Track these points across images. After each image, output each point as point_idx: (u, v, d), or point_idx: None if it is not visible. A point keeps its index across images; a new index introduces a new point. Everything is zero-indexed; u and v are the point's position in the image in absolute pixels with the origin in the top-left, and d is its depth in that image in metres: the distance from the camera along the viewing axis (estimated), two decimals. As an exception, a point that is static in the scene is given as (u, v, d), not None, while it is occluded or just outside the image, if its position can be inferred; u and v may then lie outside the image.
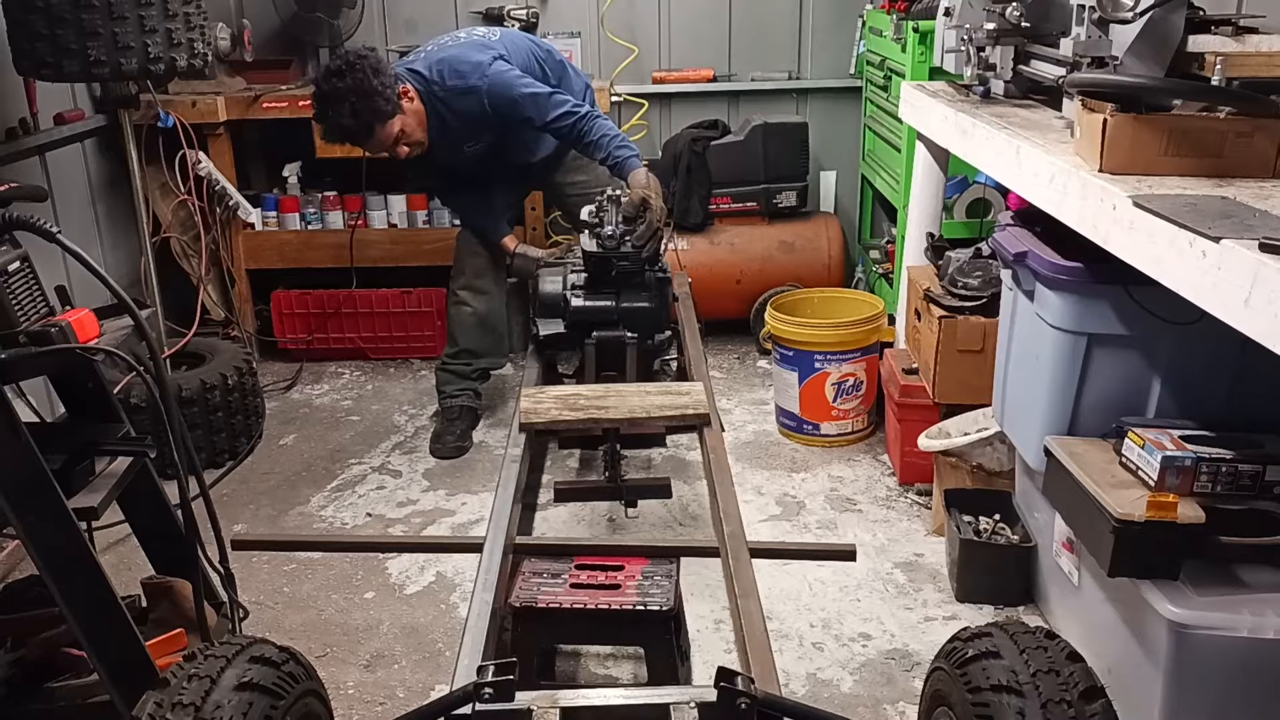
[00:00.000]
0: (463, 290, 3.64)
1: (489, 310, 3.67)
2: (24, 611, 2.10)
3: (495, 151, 3.47)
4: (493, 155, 3.49)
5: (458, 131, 3.39)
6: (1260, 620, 1.94)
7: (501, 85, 3.26)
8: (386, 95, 3.14)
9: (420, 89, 3.30)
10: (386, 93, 3.14)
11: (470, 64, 3.29)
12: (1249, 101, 1.95)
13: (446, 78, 3.29)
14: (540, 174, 3.73)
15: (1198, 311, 1.63)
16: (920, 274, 3.29)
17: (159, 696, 1.32)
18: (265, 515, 3.25)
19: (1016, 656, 1.39)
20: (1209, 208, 1.72)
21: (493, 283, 3.67)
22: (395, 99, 3.18)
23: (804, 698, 2.34)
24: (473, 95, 3.27)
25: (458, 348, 3.67)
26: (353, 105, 3.11)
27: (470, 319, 3.64)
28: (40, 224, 1.77)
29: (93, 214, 3.95)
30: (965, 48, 2.85)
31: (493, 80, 3.26)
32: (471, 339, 3.66)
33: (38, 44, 3.02)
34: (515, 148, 3.49)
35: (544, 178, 3.77)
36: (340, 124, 3.17)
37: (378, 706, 2.36)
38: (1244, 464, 2.00)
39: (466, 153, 3.45)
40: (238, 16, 4.55)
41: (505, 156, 3.50)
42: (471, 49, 3.35)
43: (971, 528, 2.76)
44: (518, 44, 3.49)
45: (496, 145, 3.45)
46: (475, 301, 3.64)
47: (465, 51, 3.34)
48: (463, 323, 3.65)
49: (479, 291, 3.64)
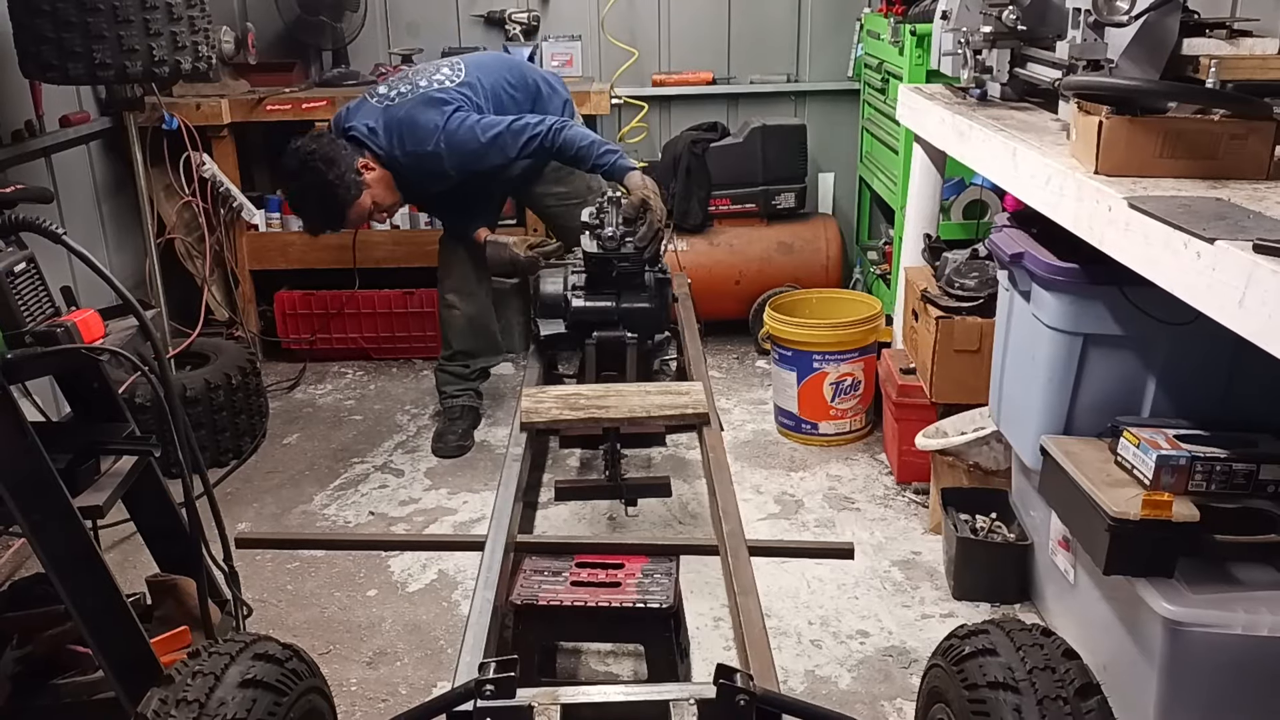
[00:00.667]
0: (450, 294, 3.64)
1: (477, 311, 3.67)
2: (30, 609, 2.10)
3: (471, 181, 3.39)
4: (469, 183, 3.40)
5: (427, 182, 3.36)
6: (1254, 618, 1.94)
7: (459, 143, 3.18)
8: (345, 182, 3.14)
9: (382, 152, 3.24)
10: (346, 178, 3.13)
11: (426, 129, 3.19)
12: (1243, 104, 1.95)
13: (406, 143, 3.22)
14: (520, 186, 3.67)
15: (1192, 312, 1.63)
16: (917, 275, 3.29)
17: (163, 693, 1.32)
18: (269, 514, 3.25)
19: (1013, 654, 1.39)
20: (1203, 209, 1.72)
21: (477, 284, 3.66)
22: (356, 180, 3.16)
23: (802, 694, 2.34)
24: (433, 159, 3.21)
25: (452, 350, 3.68)
26: (317, 202, 3.14)
27: (460, 321, 3.64)
28: (46, 225, 1.78)
29: (98, 215, 3.96)
30: (962, 51, 2.85)
31: (450, 141, 3.18)
32: (464, 341, 3.66)
33: (43, 47, 3.02)
34: (490, 174, 3.38)
35: (524, 189, 3.70)
36: (313, 222, 3.24)
37: (380, 703, 2.36)
38: (1238, 463, 2.00)
39: (440, 189, 3.43)
40: (241, 20, 4.55)
41: (482, 180, 3.41)
42: (425, 108, 3.23)
43: (968, 526, 2.76)
44: (485, 72, 3.40)
45: (470, 179, 3.36)
46: (463, 304, 3.64)
47: (419, 113, 3.21)
48: (454, 325, 3.65)
49: (466, 294, 3.64)
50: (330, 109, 4.14)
